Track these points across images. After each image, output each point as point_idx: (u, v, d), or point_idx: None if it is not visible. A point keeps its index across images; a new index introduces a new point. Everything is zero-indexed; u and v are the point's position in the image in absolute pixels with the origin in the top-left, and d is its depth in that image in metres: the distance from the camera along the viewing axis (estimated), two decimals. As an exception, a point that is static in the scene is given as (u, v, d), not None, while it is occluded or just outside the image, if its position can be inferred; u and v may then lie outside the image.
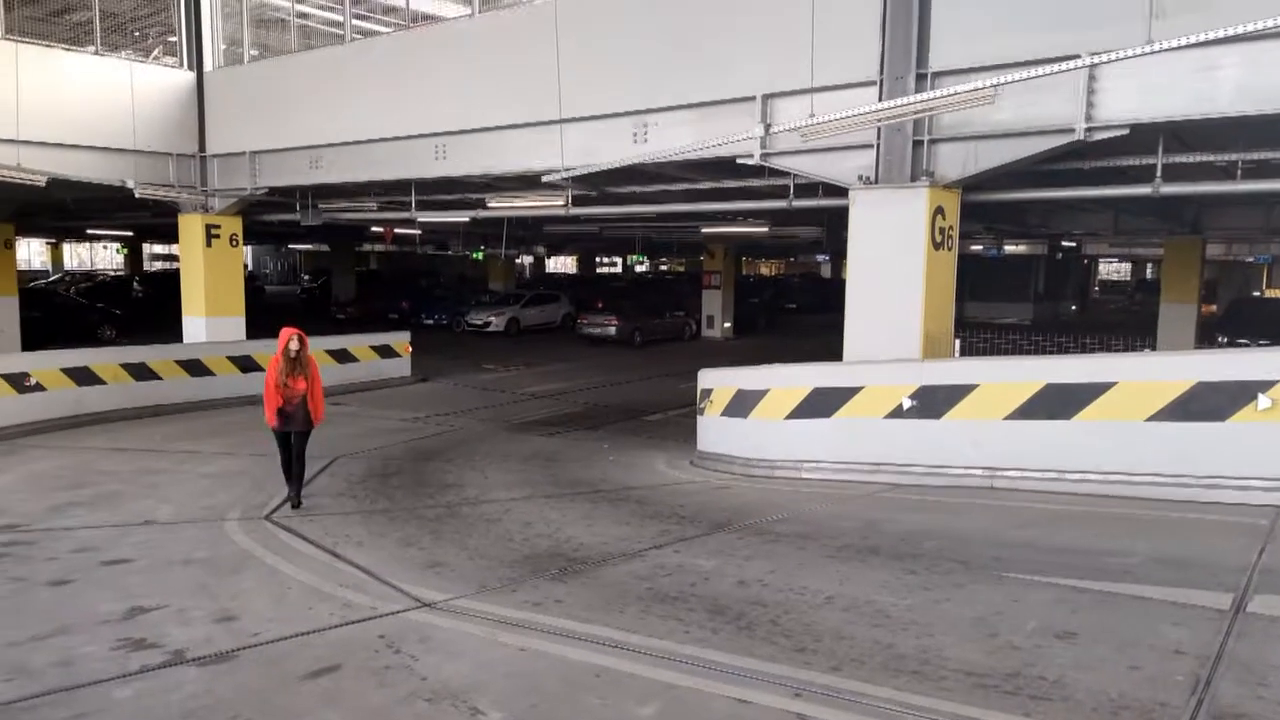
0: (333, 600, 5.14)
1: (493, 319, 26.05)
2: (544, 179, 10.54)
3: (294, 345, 7.29)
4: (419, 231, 24.14)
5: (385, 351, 16.31)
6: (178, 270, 17.42)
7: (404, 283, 34.16)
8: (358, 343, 16.01)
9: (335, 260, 34.11)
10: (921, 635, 4.37)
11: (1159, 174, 7.96)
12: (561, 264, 54.60)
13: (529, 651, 4.36)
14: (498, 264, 33.32)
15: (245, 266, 23.77)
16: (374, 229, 23.70)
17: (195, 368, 13.35)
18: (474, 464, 9.65)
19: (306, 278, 45.34)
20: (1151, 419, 6.77)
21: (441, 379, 16.92)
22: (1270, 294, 37.03)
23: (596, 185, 11.51)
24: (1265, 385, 6.35)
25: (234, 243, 15.13)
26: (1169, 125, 7.36)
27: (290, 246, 47.87)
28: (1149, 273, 46.60)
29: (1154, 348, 15.46)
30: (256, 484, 8.29)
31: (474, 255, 33.16)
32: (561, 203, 12.26)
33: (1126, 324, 13.74)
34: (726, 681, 3.93)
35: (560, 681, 4.03)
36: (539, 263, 49.63)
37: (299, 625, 4.73)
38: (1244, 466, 6.45)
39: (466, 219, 15.11)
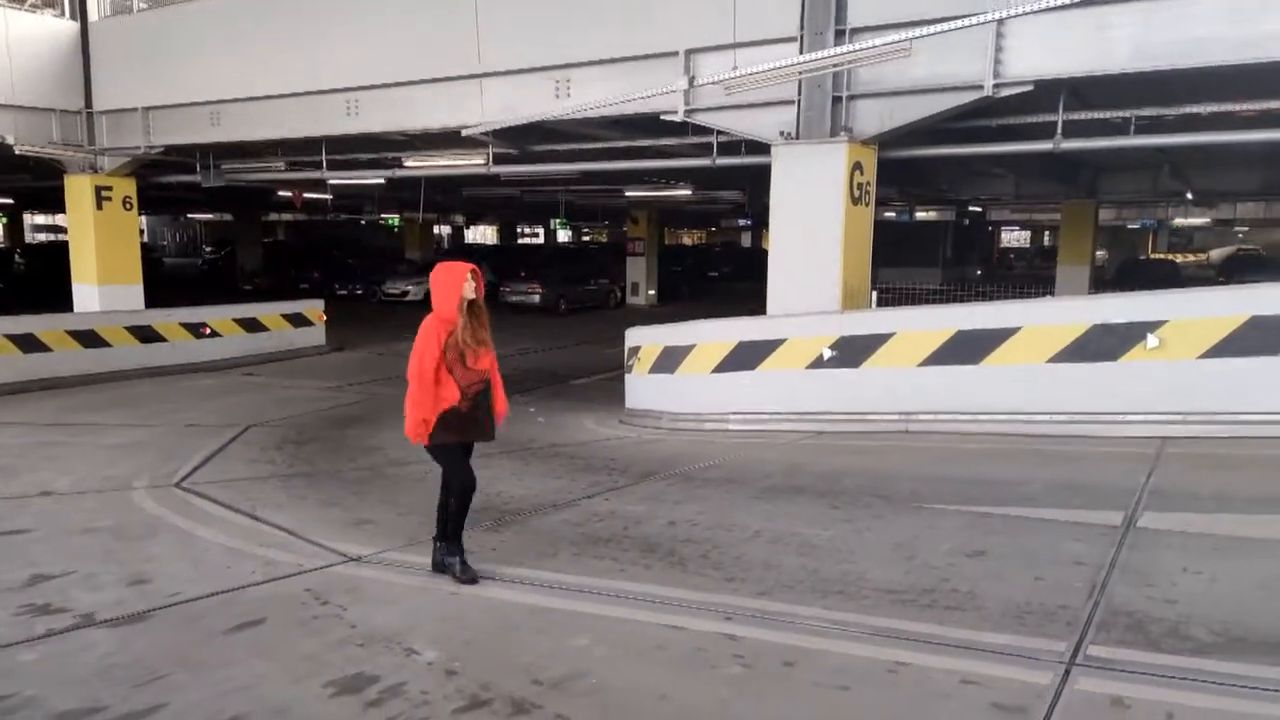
0: (254, 559, 4.99)
1: (410, 288, 25.39)
2: (463, 133, 10.26)
3: (469, 290, 4.37)
4: (330, 196, 23.23)
5: (298, 320, 15.71)
6: (65, 242, 16.31)
7: (316, 253, 32.91)
8: (268, 311, 15.34)
9: (240, 230, 32.61)
10: (844, 561, 4.55)
11: (1059, 130, 8.32)
12: (481, 234, 53.62)
13: (461, 595, 4.35)
14: (415, 232, 32.48)
15: (141, 234, 22.47)
16: (282, 193, 22.71)
17: (89, 338, 12.56)
18: (397, 429, 9.30)
19: (209, 249, 43.20)
20: (1052, 360, 7.16)
21: (359, 348, 16.45)
22: (1155, 257, 39.55)
23: (518, 143, 11.29)
24: (1153, 325, 6.80)
25: (128, 206, 14.26)
26: (1070, 82, 7.69)
27: (190, 216, 45.43)
28: (1047, 240, 48.92)
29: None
30: (164, 454, 7.91)
31: (390, 223, 32.21)
32: (482, 161, 11.97)
33: (1029, 285, 14.51)
34: (659, 611, 4.01)
35: (494, 620, 4.03)
36: (458, 232, 48.67)
37: (219, 584, 4.57)
38: (1134, 402, 6.91)
39: (382, 180, 14.59)
